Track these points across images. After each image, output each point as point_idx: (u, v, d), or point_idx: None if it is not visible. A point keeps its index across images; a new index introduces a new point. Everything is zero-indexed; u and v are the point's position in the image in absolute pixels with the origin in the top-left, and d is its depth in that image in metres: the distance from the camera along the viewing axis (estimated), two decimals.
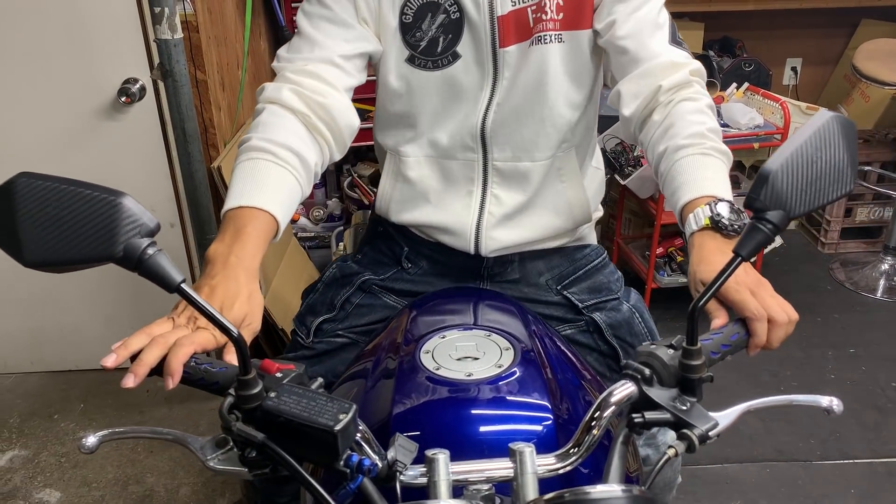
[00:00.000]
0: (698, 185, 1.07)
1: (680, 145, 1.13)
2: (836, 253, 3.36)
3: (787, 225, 0.82)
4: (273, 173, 1.09)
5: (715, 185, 1.07)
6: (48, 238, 0.71)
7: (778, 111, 2.72)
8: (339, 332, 1.36)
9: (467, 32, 1.24)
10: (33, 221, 0.71)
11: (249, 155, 1.10)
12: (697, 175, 1.09)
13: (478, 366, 1.00)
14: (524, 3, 1.22)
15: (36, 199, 0.71)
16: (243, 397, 0.75)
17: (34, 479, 2.18)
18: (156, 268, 0.72)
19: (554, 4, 1.22)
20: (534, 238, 1.37)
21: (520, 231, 1.35)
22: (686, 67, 1.22)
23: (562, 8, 1.23)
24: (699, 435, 0.78)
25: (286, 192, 1.09)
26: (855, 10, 3.55)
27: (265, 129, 1.13)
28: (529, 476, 0.78)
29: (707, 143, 1.13)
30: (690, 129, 1.14)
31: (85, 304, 2.52)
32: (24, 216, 0.71)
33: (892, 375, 2.59)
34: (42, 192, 0.71)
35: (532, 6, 1.22)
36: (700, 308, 0.80)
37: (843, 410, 0.88)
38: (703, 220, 1.03)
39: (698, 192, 1.06)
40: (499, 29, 1.23)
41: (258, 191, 1.05)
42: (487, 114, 1.28)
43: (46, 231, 0.71)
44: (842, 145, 0.82)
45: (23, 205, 0.71)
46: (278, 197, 1.06)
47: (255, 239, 1.00)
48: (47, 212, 0.71)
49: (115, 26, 2.11)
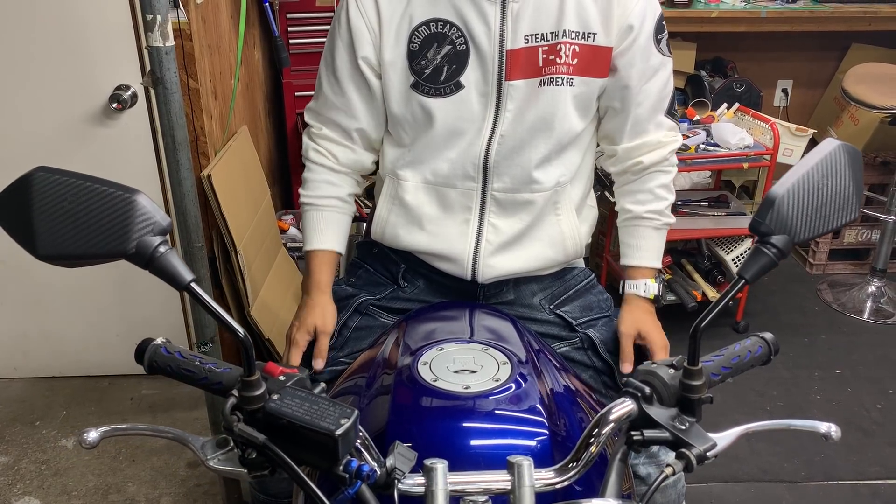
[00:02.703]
0: (648, 255, 1.43)
1: (642, 216, 1.42)
2: (824, 274, 3.38)
3: (791, 250, 0.82)
4: (321, 218, 1.44)
5: (658, 257, 1.44)
6: (62, 232, 0.72)
7: (768, 132, 2.74)
8: (340, 359, 1.37)
9: (473, 63, 1.27)
10: (48, 215, 0.71)
11: (304, 210, 1.47)
12: (649, 245, 1.43)
13: (475, 379, 1.00)
14: (537, 43, 1.26)
15: (52, 193, 0.72)
16: (246, 398, 0.75)
17: (13, 487, 2.16)
18: (167, 266, 0.73)
19: (570, 51, 1.27)
20: (528, 269, 1.40)
21: (516, 261, 1.38)
22: (669, 146, 1.40)
23: (577, 55, 1.27)
24: (697, 455, 0.78)
25: (333, 226, 1.44)
26: (845, 34, 3.59)
27: (307, 185, 1.46)
28: (527, 489, 0.78)
29: (663, 219, 1.43)
30: (653, 206, 1.42)
31: (70, 311, 2.50)
32: (40, 210, 0.71)
33: (877, 397, 2.60)
34: (58, 187, 0.72)
35: (545, 47, 1.26)
36: (702, 328, 0.80)
37: (840, 437, 0.88)
38: (651, 292, 1.40)
39: (647, 262, 1.42)
40: (507, 62, 1.26)
41: (315, 237, 1.43)
42: (491, 144, 1.31)
43: (61, 225, 0.72)
44: (848, 174, 0.83)
45: (39, 198, 0.71)
46: (329, 235, 1.43)
47: (322, 269, 1.41)
48: (62, 206, 0.72)
49: (108, 33, 2.11)
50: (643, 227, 1.42)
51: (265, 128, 3.05)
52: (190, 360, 0.83)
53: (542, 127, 1.30)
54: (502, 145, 1.31)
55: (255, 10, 2.84)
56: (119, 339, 2.55)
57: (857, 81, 3.08)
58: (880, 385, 2.66)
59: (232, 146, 2.39)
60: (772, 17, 3.31)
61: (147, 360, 0.84)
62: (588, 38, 1.27)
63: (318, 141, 1.43)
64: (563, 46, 1.26)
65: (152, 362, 0.84)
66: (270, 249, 2.59)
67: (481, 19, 1.24)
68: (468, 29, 1.26)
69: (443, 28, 1.26)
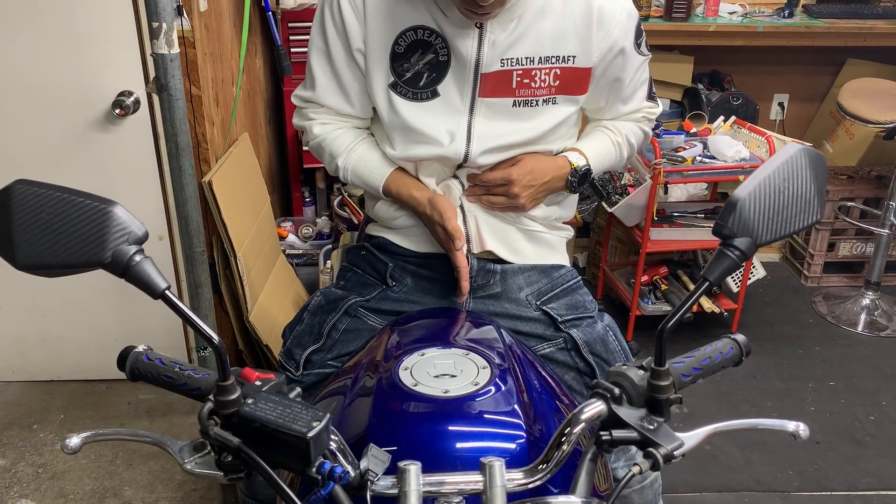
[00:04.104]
0: (588, 144, 1.45)
1: (605, 125, 1.49)
2: (819, 286, 3.40)
3: (754, 252, 0.84)
4: (365, 154, 1.42)
5: (597, 156, 1.44)
6: (41, 242, 0.73)
7: (763, 145, 2.77)
8: (328, 362, 1.38)
9: (451, 76, 1.32)
10: (27, 226, 0.73)
11: (346, 169, 1.43)
12: (596, 141, 1.46)
13: (454, 383, 1.02)
14: (511, 67, 1.31)
15: (31, 205, 0.74)
16: (221, 402, 0.77)
17: (10, 490, 2.16)
18: (142, 274, 0.75)
19: (551, 74, 1.32)
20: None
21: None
22: (643, 112, 1.49)
23: (559, 77, 1.33)
24: (664, 454, 0.80)
25: (379, 153, 1.42)
26: (841, 49, 3.62)
27: (331, 147, 1.44)
28: (498, 489, 0.79)
29: (619, 138, 1.48)
30: (618, 126, 1.48)
31: (69, 315, 2.52)
32: (19, 221, 0.73)
33: (870, 409, 2.62)
34: (37, 199, 0.74)
35: (519, 71, 1.31)
36: (668, 330, 0.82)
37: (808, 436, 0.90)
38: (576, 162, 1.40)
39: (583, 147, 1.44)
40: (481, 83, 1.32)
41: (377, 171, 1.41)
42: (469, 150, 1.35)
43: (39, 236, 0.73)
44: (809, 177, 0.85)
45: (18, 210, 0.73)
46: (382, 161, 1.41)
47: (403, 181, 1.39)
48: (41, 217, 0.73)
49: (112, 39, 2.13)
50: (599, 130, 1.48)
51: (265, 135, 3.07)
52: (170, 367, 0.85)
53: (518, 142, 1.37)
54: (476, 149, 1.35)
55: (257, 18, 2.87)
56: (117, 344, 2.53)
57: (852, 96, 3.11)
58: (874, 397, 2.68)
59: (233, 153, 2.42)
60: (768, 31, 3.35)
61: (129, 367, 0.86)
62: (568, 62, 1.32)
63: (316, 117, 1.45)
64: (537, 72, 1.31)
65: (134, 369, 0.86)
66: (269, 256, 2.60)
67: (461, 39, 1.29)
68: (451, 43, 1.29)
69: (429, 37, 1.30)
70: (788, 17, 3.43)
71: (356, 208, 3.05)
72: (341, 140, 1.44)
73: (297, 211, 3.24)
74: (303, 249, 3.02)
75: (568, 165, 1.40)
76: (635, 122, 1.50)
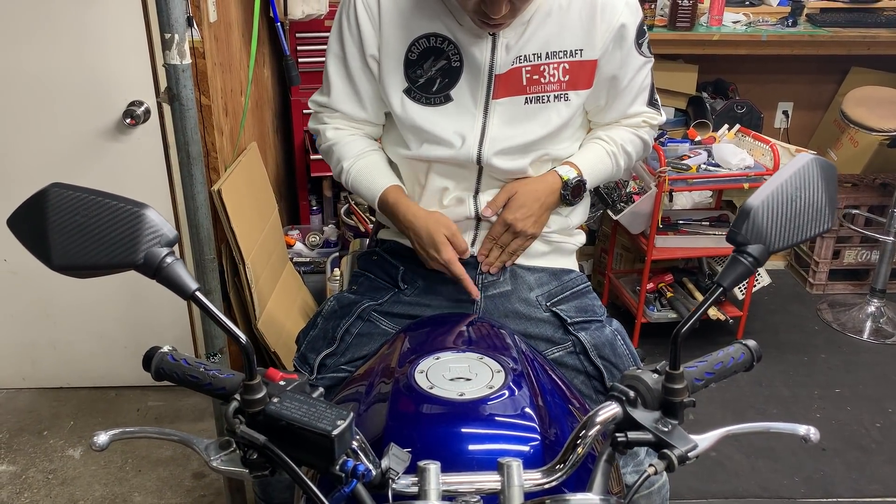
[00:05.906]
0: (582, 158, 1.46)
1: (599, 136, 1.49)
2: (824, 294, 3.41)
3: (766, 259, 0.86)
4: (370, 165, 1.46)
5: (591, 168, 1.45)
6: (75, 244, 0.76)
7: (768, 153, 2.79)
8: (341, 366, 1.40)
9: (464, 80, 1.35)
10: (62, 228, 0.76)
11: (348, 175, 1.47)
12: (590, 154, 1.47)
13: (470, 386, 1.04)
14: (521, 64, 1.34)
15: (66, 207, 0.76)
16: (247, 401, 0.79)
17: (21, 496, 2.18)
18: (173, 275, 0.77)
19: (560, 70, 1.35)
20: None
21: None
22: (643, 117, 1.49)
23: (568, 71, 1.36)
24: (679, 455, 0.82)
25: (383, 166, 1.48)
26: (845, 57, 3.64)
27: (340, 153, 1.48)
28: (516, 489, 0.81)
29: (614, 147, 1.48)
30: (613, 133, 1.48)
31: (78, 322, 2.54)
32: (54, 223, 0.76)
33: (876, 416, 2.62)
34: (71, 202, 0.76)
35: (527, 67, 1.34)
36: (683, 334, 0.84)
37: (819, 439, 0.91)
38: (566, 175, 1.42)
39: (576, 160, 1.45)
40: (494, 85, 1.35)
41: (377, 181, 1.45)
42: (481, 151, 1.37)
43: (74, 238, 0.76)
44: (820, 186, 0.87)
45: (53, 212, 0.76)
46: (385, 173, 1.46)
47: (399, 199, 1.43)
48: (76, 220, 0.76)
49: (123, 49, 2.16)
50: (592, 142, 1.49)
51: (273, 144, 3.09)
52: (195, 367, 0.87)
53: (531, 140, 1.39)
54: (489, 151, 1.38)
55: (265, 29, 2.90)
56: (127, 351, 2.58)
57: (856, 104, 3.12)
58: (880, 404, 2.69)
59: (241, 162, 2.44)
60: (773, 40, 3.36)
61: (154, 367, 0.88)
62: (575, 55, 1.36)
63: (330, 122, 1.49)
64: (546, 67, 1.35)
65: (159, 369, 0.88)
66: (277, 264, 2.62)
67: (475, 46, 1.32)
68: (464, 49, 1.33)
69: (441, 44, 1.34)
70: (792, 25, 3.45)
71: (363, 216, 3.07)
72: (352, 146, 1.47)
73: (305, 219, 3.27)
74: (310, 257, 3.04)
75: (559, 180, 1.42)
76: (634, 128, 1.50)
